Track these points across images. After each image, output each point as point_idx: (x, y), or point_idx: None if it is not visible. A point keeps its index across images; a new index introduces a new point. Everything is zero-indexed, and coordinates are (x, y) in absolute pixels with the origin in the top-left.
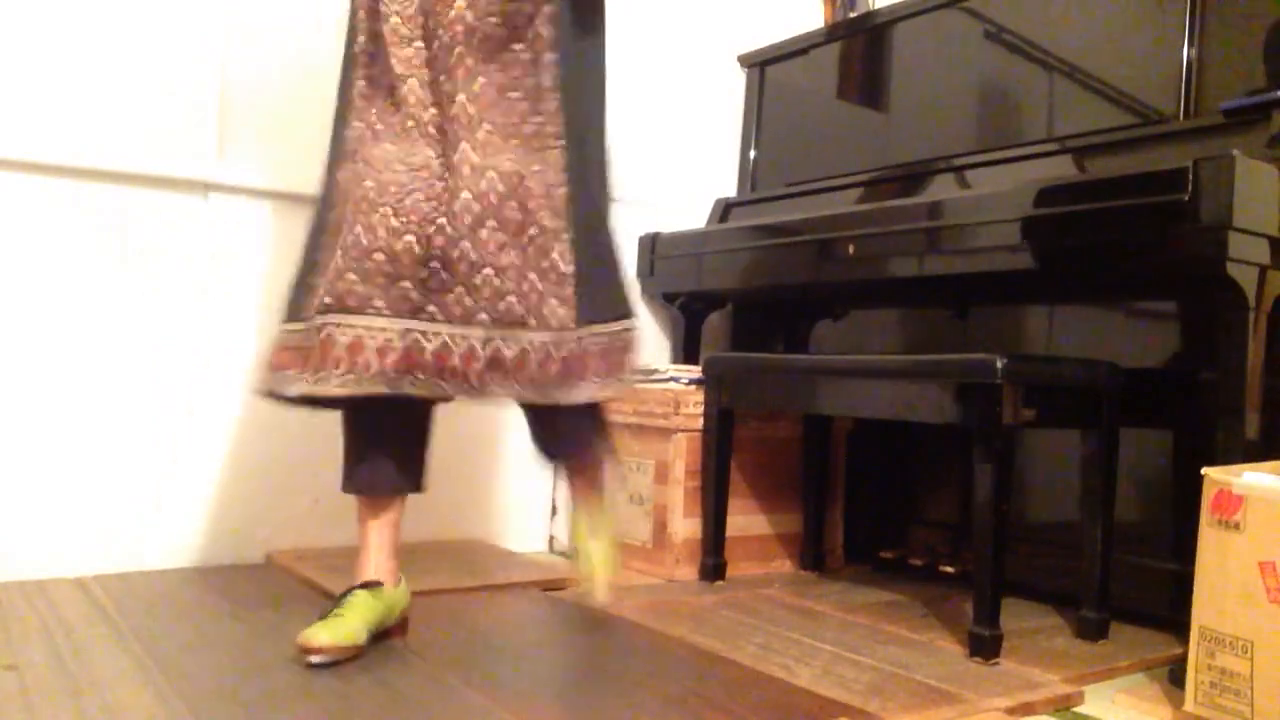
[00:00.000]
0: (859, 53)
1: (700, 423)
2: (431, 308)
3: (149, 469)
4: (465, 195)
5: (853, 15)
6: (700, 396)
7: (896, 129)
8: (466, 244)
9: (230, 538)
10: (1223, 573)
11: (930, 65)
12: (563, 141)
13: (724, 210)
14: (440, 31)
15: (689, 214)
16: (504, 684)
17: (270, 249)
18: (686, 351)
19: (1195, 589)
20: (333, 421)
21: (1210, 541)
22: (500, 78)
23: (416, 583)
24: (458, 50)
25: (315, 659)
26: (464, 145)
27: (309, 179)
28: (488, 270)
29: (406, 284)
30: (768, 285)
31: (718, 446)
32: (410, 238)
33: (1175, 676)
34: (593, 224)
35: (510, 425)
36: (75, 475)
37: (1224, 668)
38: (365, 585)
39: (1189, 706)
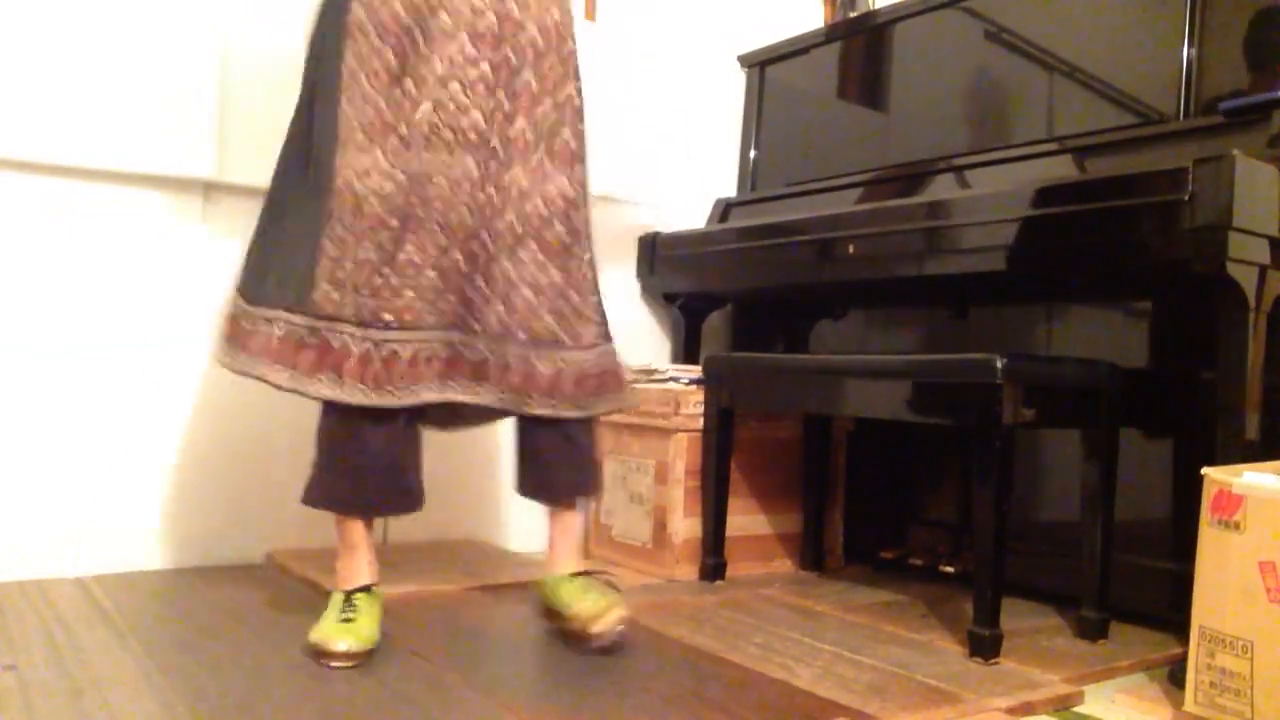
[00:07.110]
0: (859, 53)
1: (700, 423)
2: (473, 320)
3: (149, 469)
4: (510, 217)
5: (853, 15)
6: (700, 396)
7: (896, 129)
8: (506, 263)
9: (230, 538)
10: (1223, 573)
11: (930, 65)
12: (583, 162)
13: (724, 210)
14: (508, 49)
15: (689, 214)
16: (504, 684)
17: None
18: (686, 351)
19: (1195, 589)
20: None
21: (1210, 541)
22: (555, 104)
23: (417, 583)
24: (526, 74)
25: (338, 664)
26: (516, 169)
27: None
28: (526, 291)
29: (452, 297)
30: (768, 285)
31: (718, 446)
32: (457, 254)
33: (1175, 676)
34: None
35: (509, 425)
36: (75, 475)
37: (1224, 668)
38: (364, 589)
39: (1189, 706)
